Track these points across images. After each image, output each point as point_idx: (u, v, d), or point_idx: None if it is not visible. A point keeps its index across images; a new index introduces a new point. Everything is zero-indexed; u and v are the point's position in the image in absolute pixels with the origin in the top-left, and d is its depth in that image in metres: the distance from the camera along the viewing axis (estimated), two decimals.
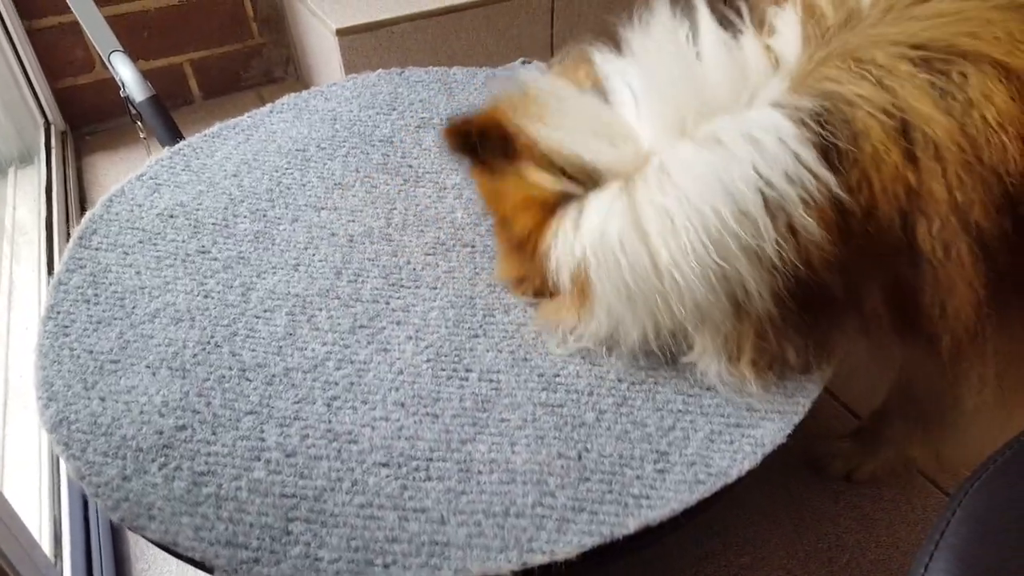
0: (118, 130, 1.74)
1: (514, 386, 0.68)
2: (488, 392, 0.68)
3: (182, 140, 1.03)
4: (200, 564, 0.57)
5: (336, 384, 0.68)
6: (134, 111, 1.20)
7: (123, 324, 0.74)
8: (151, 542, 0.58)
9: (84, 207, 1.54)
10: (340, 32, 1.48)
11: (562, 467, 0.61)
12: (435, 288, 0.78)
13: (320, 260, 0.81)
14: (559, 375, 0.69)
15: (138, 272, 0.80)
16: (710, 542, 0.91)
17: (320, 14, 1.53)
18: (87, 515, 0.95)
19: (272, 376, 0.69)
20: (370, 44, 1.52)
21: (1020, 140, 0.51)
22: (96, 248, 0.83)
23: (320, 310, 0.76)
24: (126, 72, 1.19)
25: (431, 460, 0.62)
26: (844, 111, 0.54)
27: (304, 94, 1.09)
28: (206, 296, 0.77)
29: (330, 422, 0.65)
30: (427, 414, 0.66)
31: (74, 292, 0.78)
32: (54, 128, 1.69)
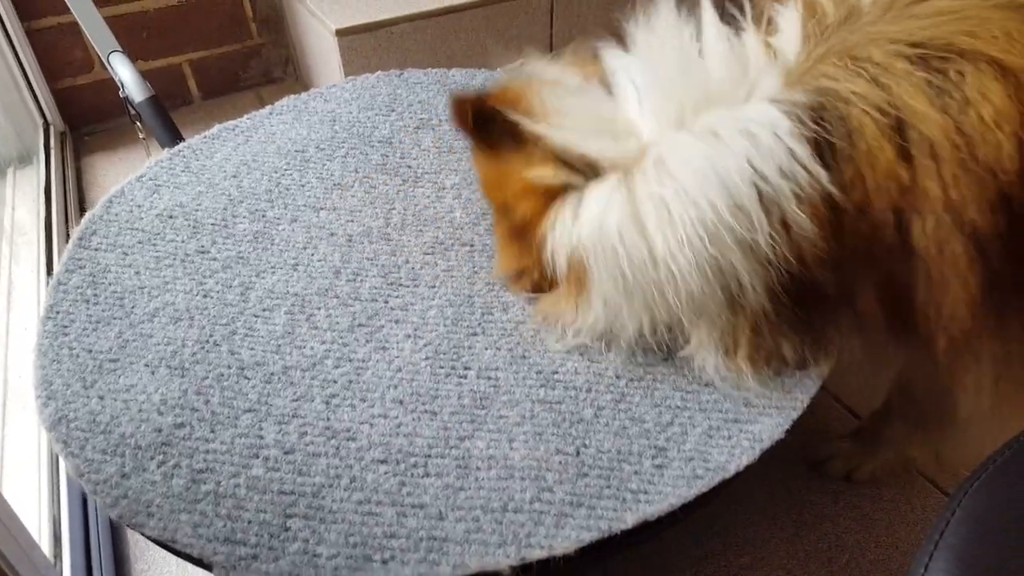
0: (117, 131, 1.74)
1: (512, 383, 0.68)
2: (486, 389, 0.68)
3: (181, 141, 1.03)
4: (198, 561, 0.57)
5: (335, 382, 0.69)
6: (133, 111, 1.20)
7: (122, 323, 0.74)
8: (150, 539, 0.58)
9: (83, 208, 1.53)
10: (339, 32, 1.48)
11: (560, 463, 0.61)
12: (434, 287, 0.78)
13: (319, 260, 0.82)
14: (557, 372, 0.69)
15: (137, 272, 0.80)
16: (710, 542, 0.91)
17: (319, 14, 1.53)
18: (86, 515, 0.95)
19: (271, 374, 0.69)
20: (369, 44, 1.52)
21: (1015, 138, 0.51)
22: (95, 248, 0.83)
23: (319, 309, 0.76)
24: (125, 72, 1.19)
25: (429, 457, 0.62)
26: (839, 108, 0.54)
27: (303, 96, 1.10)
28: (205, 296, 0.77)
29: (328, 419, 0.65)
30: (425, 411, 0.66)
31: (73, 292, 0.78)
32: (53, 129, 1.68)
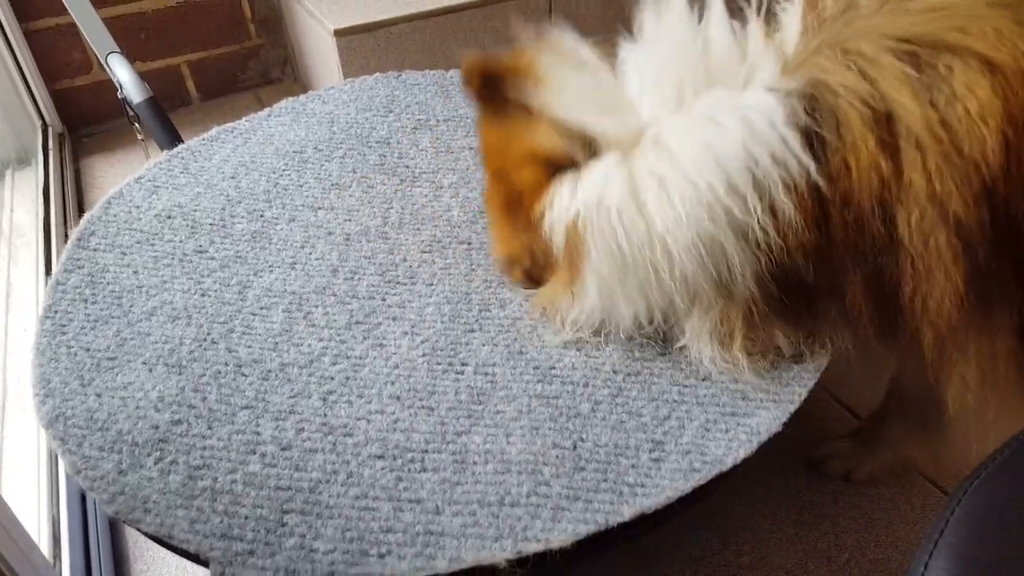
0: (116, 132, 1.74)
1: (510, 379, 0.68)
2: (484, 385, 0.68)
3: (180, 142, 1.04)
4: (195, 557, 0.57)
5: (332, 379, 0.69)
6: (132, 112, 1.20)
7: (120, 322, 0.74)
8: (146, 535, 0.58)
9: (82, 209, 1.54)
10: (338, 33, 1.48)
11: (557, 457, 0.61)
12: (431, 284, 0.78)
13: (317, 258, 0.82)
14: (555, 367, 0.69)
15: (136, 272, 0.80)
16: (709, 541, 0.90)
17: (318, 15, 1.54)
18: (86, 516, 0.94)
19: (268, 372, 0.69)
20: (368, 45, 1.52)
21: (1000, 133, 0.52)
22: (94, 249, 0.83)
23: (316, 307, 0.76)
24: (123, 73, 1.19)
25: (426, 452, 0.62)
26: (829, 100, 0.55)
27: (301, 98, 1.10)
28: (203, 294, 0.77)
29: (326, 416, 0.65)
30: (422, 407, 0.66)
31: (72, 292, 0.78)
32: (51, 130, 1.69)
